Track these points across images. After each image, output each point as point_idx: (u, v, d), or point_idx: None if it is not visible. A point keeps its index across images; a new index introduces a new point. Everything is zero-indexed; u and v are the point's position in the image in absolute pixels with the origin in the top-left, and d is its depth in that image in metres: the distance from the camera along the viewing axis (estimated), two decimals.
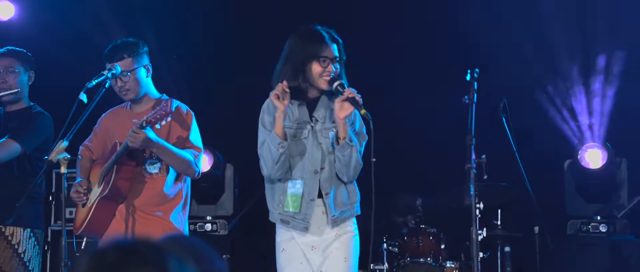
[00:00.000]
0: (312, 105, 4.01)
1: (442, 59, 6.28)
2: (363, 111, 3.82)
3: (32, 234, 4.75)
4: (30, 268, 4.73)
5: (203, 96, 6.00)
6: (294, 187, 3.94)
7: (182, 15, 6.68)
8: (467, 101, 3.87)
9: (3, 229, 4.68)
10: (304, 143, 3.95)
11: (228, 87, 6.55)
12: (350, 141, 3.89)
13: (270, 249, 4.13)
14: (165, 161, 4.24)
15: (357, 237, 4.01)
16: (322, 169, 3.95)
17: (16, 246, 4.68)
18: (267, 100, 3.99)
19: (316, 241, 3.95)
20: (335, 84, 3.88)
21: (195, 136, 4.31)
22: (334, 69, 3.94)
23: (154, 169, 4.28)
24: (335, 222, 3.96)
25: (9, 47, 4.90)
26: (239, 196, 6.47)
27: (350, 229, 4.01)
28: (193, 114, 4.34)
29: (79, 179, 4.39)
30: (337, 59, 3.96)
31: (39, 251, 4.80)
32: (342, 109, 3.85)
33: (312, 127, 3.97)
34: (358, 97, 3.83)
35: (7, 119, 4.86)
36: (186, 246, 1.65)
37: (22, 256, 4.70)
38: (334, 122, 3.95)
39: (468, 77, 3.89)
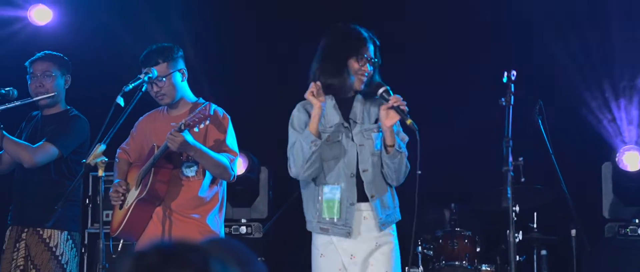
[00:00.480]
0: (346, 106, 3.96)
1: (479, 60, 6.23)
2: (409, 121, 3.75)
3: (69, 237, 4.79)
4: (67, 270, 4.78)
5: (237, 99, 6.01)
6: (330, 193, 3.86)
7: (215, 18, 6.71)
8: (503, 103, 3.85)
9: (41, 232, 4.73)
10: (339, 146, 3.89)
11: (263, 90, 6.56)
12: (399, 148, 3.84)
13: (304, 253, 4.10)
14: (202, 165, 4.25)
15: (398, 248, 3.94)
16: (364, 171, 3.87)
17: (54, 249, 4.73)
18: (299, 104, 3.97)
19: (356, 249, 3.85)
20: (381, 90, 3.81)
21: (231, 140, 4.32)
22: (370, 69, 3.91)
23: (190, 172, 4.29)
24: (384, 225, 3.88)
25: (46, 52, 4.95)
26: (274, 199, 6.47)
27: (391, 239, 3.93)
28: (229, 117, 4.36)
29: (116, 180, 4.42)
30: (373, 60, 3.93)
31: (76, 254, 4.85)
32: (389, 118, 3.79)
33: (347, 129, 3.91)
34: (403, 106, 3.77)
35: (45, 122, 4.91)
36: (227, 248, 1.65)
37: (60, 258, 4.75)
38: (375, 122, 3.90)
39: (505, 79, 3.87)
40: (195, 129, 4.03)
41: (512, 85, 3.87)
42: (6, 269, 4.78)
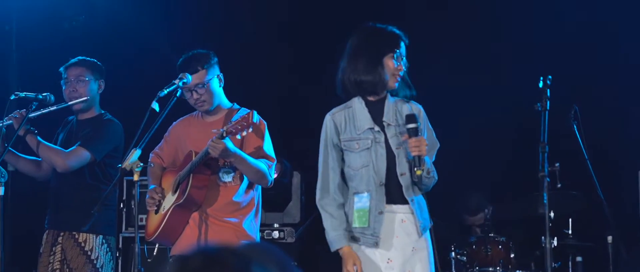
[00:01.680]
0: (377, 108, 3.89)
1: (512, 65, 6.20)
2: (418, 172, 3.73)
3: (104, 241, 4.83)
4: None
5: (269, 104, 6.04)
6: (361, 201, 3.81)
7: (246, 21, 6.74)
8: (539, 108, 3.82)
9: (77, 236, 4.78)
10: (368, 154, 3.83)
11: (295, 94, 6.57)
12: (428, 173, 3.79)
13: (336, 257, 4.09)
14: (240, 171, 4.26)
15: (433, 254, 3.89)
16: (402, 174, 3.82)
17: (89, 253, 4.77)
18: (328, 115, 3.93)
19: (393, 254, 3.80)
20: (411, 126, 3.77)
21: (268, 146, 4.32)
22: (404, 68, 3.85)
23: (228, 177, 4.31)
24: (424, 229, 3.84)
25: (80, 57, 5.00)
26: (306, 204, 6.47)
27: (427, 244, 3.88)
28: (266, 123, 4.37)
29: (152, 186, 4.44)
30: (405, 60, 3.88)
31: (111, 258, 4.88)
32: (412, 150, 3.76)
33: (377, 133, 3.84)
34: (419, 153, 3.73)
35: (79, 127, 4.96)
36: (267, 253, 1.65)
37: (95, 262, 4.78)
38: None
39: (541, 84, 3.84)
40: (237, 136, 4.02)
41: (548, 90, 3.84)
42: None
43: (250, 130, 4.00)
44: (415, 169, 3.71)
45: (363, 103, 3.90)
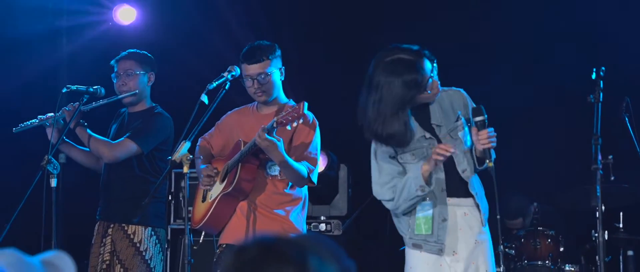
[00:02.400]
0: (423, 113, 3.78)
1: (564, 57, 6.12)
2: (490, 163, 3.62)
3: (153, 233, 4.87)
4: (151, 266, 4.84)
5: (316, 97, 6.04)
6: (424, 210, 3.73)
7: (294, 13, 6.75)
8: (592, 100, 3.77)
9: (126, 228, 4.82)
10: (424, 162, 3.71)
11: (341, 88, 6.56)
12: (491, 161, 3.68)
13: (383, 249, 4.07)
14: (281, 170, 4.24)
15: (492, 245, 3.84)
16: (464, 171, 3.74)
17: (138, 245, 4.82)
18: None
19: (459, 246, 3.74)
20: (478, 120, 3.66)
21: (315, 148, 4.29)
22: (438, 80, 3.68)
23: (274, 171, 4.31)
24: (486, 221, 3.79)
25: (130, 50, 5.05)
26: (353, 197, 6.47)
27: (487, 237, 3.82)
28: (317, 123, 4.35)
29: (203, 165, 4.43)
30: (432, 71, 3.67)
31: (160, 250, 4.91)
32: (479, 144, 3.66)
33: (430, 139, 3.74)
34: (491, 145, 3.61)
35: (130, 119, 5.01)
36: (322, 244, 1.65)
37: (144, 254, 4.82)
38: (456, 120, 3.76)
39: (593, 76, 3.79)
40: (288, 127, 4.01)
41: (601, 81, 3.79)
42: (94, 263, 4.89)
43: (301, 121, 3.98)
44: (487, 161, 3.62)
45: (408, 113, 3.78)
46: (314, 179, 4.25)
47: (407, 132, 3.63)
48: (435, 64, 3.69)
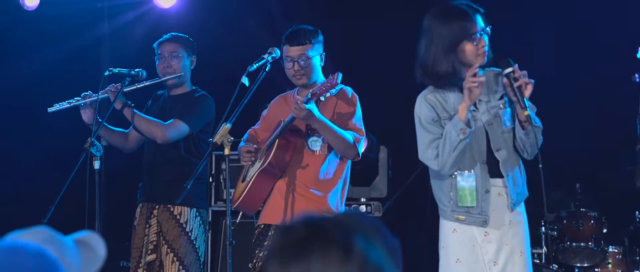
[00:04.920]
0: None
1: (610, 36, 6.02)
2: (526, 112, 3.56)
3: (198, 214, 4.92)
4: (196, 246, 4.90)
5: (356, 78, 6.03)
6: (465, 180, 3.74)
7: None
8: (637, 79, 3.72)
9: (172, 209, 4.87)
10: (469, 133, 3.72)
11: (382, 69, 6.54)
12: (534, 122, 3.63)
13: (424, 232, 4.06)
14: (326, 139, 4.26)
15: (528, 226, 3.82)
16: (498, 150, 3.74)
17: (184, 225, 4.87)
18: (419, 98, 3.82)
19: (491, 227, 3.73)
20: (508, 71, 3.63)
21: (358, 119, 4.31)
22: (486, 41, 3.70)
23: (315, 146, 4.31)
24: (515, 204, 3.77)
25: (173, 33, 5.08)
26: (393, 178, 6.46)
27: (522, 218, 3.81)
28: (358, 97, 4.35)
29: (242, 143, 4.46)
30: (484, 31, 3.71)
31: (203, 230, 4.97)
32: (513, 96, 3.64)
33: (474, 111, 3.75)
34: (530, 85, 3.57)
35: (173, 102, 5.04)
36: (368, 223, 1.65)
37: (190, 234, 4.88)
38: (501, 98, 3.74)
39: (639, 55, 3.73)
40: (322, 98, 4.03)
41: None
42: (138, 244, 4.94)
43: (334, 92, 4.02)
44: (522, 109, 3.56)
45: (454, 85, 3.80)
46: (360, 149, 4.25)
47: (455, 73, 3.70)
48: (488, 29, 3.72)
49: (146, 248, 4.88)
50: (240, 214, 4.61)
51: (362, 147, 4.30)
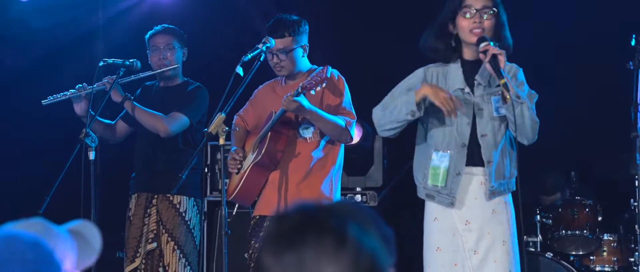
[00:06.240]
0: (473, 68, 3.76)
1: (605, 23, 6.02)
2: (502, 80, 3.50)
3: (195, 203, 4.97)
4: (194, 235, 4.97)
5: (351, 68, 6.02)
6: (439, 160, 3.74)
7: None
8: (631, 67, 3.72)
9: (171, 198, 4.90)
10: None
11: (377, 58, 6.54)
12: (518, 97, 3.56)
13: (419, 221, 4.07)
14: (318, 127, 4.27)
15: (514, 215, 3.80)
16: (483, 136, 3.72)
17: (183, 214, 4.92)
18: (425, 67, 3.83)
19: (472, 215, 3.73)
20: (482, 45, 3.59)
21: (348, 102, 4.32)
22: (484, 20, 3.65)
23: (307, 133, 4.34)
24: (493, 193, 3.73)
25: (165, 25, 5.07)
26: (388, 168, 6.47)
27: (508, 207, 3.78)
28: (344, 79, 4.36)
29: (234, 148, 4.49)
30: (488, 10, 3.67)
31: (199, 219, 5.01)
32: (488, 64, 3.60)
33: (467, 94, 3.75)
34: (501, 57, 3.53)
35: (166, 94, 5.03)
36: (362, 211, 1.65)
37: (189, 223, 4.93)
38: (498, 86, 3.67)
39: (633, 43, 3.73)
40: (312, 92, 4.04)
41: None
42: (134, 234, 4.95)
43: (325, 85, 4.02)
44: (500, 78, 3.52)
45: (459, 63, 3.81)
46: (352, 132, 4.26)
47: (446, 51, 3.75)
48: (494, 11, 3.69)
49: (146, 237, 4.91)
50: (237, 205, 4.62)
51: (354, 130, 4.31)
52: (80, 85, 4.84)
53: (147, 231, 4.91)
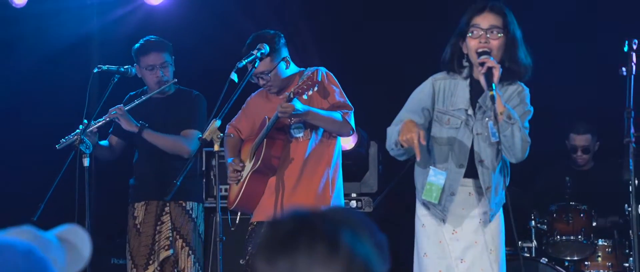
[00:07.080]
0: (479, 89, 3.68)
1: (596, 29, 6.04)
2: (490, 92, 3.49)
3: (201, 209, 5.06)
4: (202, 239, 5.07)
5: (347, 73, 6.03)
6: (435, 177, 3.73)
7: None
8: (624, 73, 3.72)
9: (184, 204, 4.95)
10: (455, 133, 3.72)
11: (372, 64, 6.54)
12: (509, 118, 3.53)
13: (414, 226, 4.07)
14: (317, 126, 4.29)
15: (503, 223, 3.80)
16: (481, 161, 3.71)
17: (195, 219, 4.99)
18: (432, 77, 3.80)
19: (459, 224, 3.72)
20: (482, 57, 3.57)
21: (340, 94, 4.33)
22: (488, 38, 3.59)
23: (299, 133, 4.35)
24: (493, 216, 3.74)
25: (151, 40, 5.01)
26: (383, 174, 6.47)
27: (495, 216, 3.77)
28: (332, 74, 4.36)
29: (230, 159, 4.48)
30: (496, 30, 3.62)
31: (204, 225, 5.10)
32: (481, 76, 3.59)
33: (469, 115, 3.71)
34: (495, 71, 3.50)
35: (163, 104, 5.02)
36: (356, 218, 1.65)
37: (199, 228, 5.02)
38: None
39: (626, 48, 3.74)
40: (304, 96, 4.05)
41: (634, 54, 3.74)
42: (146, 243, 4.93)
43: (316, 88, 4.03)
44: (489, 90, 3.52)
45: (468, 81, 3.77)
46: (352, 122, 4.27)
47: (453, 62, 3.73)
48: (516, 36, 3.66)
49: (159, 245, 4.91)
50: (239, 212, 4.65)
51: (353, 120, 4.30)
52: (85, 121, 4.76)
53: (161, 238, 4.93)
